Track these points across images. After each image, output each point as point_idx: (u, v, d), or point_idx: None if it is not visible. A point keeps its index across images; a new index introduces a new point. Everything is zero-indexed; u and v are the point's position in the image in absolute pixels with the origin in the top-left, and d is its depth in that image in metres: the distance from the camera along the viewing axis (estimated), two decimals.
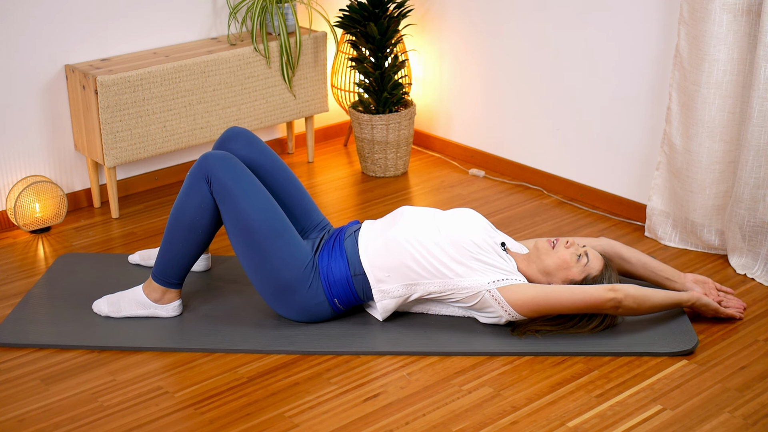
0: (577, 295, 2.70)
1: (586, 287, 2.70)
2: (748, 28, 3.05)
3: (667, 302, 2.80)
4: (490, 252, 2.76)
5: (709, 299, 2.87)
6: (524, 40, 3.89)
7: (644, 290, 2.75)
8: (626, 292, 2.70)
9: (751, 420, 2.45)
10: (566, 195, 3.87)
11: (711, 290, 2.95)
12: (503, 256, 2.79)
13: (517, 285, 2.73)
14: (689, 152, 3.25)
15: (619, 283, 2.76)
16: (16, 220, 3.53)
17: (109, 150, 3.57)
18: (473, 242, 2.74)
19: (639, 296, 2.73)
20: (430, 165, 4.25)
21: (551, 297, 2.71)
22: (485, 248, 2.75)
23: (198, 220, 2.80)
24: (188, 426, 2.45)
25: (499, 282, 2.72)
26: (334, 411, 2.50)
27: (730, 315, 2.88)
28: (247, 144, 2.99)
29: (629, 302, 2.71)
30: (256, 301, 3.00)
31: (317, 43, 4.08)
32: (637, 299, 2.72)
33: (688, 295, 2.84)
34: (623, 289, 2.71)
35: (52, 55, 3.59)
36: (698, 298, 2.85)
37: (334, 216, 3.70)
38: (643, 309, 2.76)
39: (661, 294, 2.79)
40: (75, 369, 2.69)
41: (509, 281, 2.72)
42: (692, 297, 2.84)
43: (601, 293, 2.69)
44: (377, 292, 2.79)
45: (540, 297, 2.71)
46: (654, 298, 2.76)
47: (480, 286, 2.73)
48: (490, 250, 2.76)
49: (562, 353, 2.72)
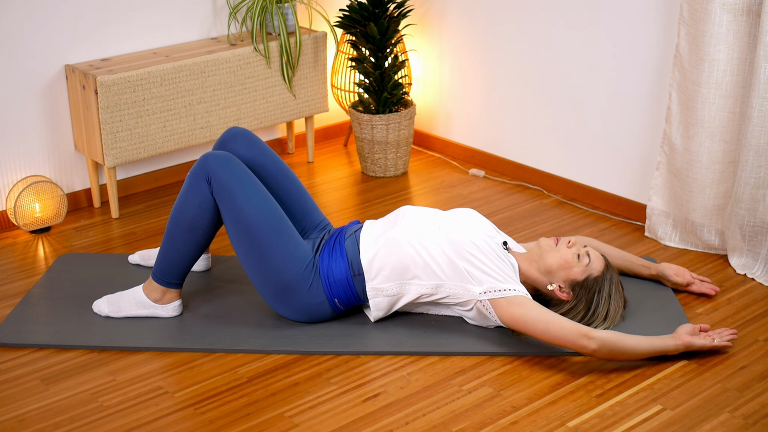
0: (551, 332, 2.62)
1: (563, 326, 2.61)
2: (748, 28, 3.05)
3: (650, 351, 2.64)
4: (489, 253, 2.74)
5: (702, 341, 2.68)
6: (524, 40, 3.89)
7: (624, 341, 2.61)
8: (602, 342, 2.58)
9: (751, 420, 2.45)
10: (566, 195, 3.87)
11: (686, 276, 3.04)
12: (503, 257, 2.78)
13: (507, 299, 2.68)
14: (689, 152, 3.25)
15: (599, 331, 2.61)
16: (16, 220, 3.53)
17: (109, 150, 3.57)
18: (473, 243, 2.74)
19: (616, 348, 2.60)
20: (430, 165, 4.25)
21: (529, 325, 2.65)
22: (484, 249, 2.74)
23: (198, 220, 2.80)
24: (188, 426, 2.45)
25: (490, 293, 2.71)
26: (334, 411, 2.50)
27: (724, 346, 2.71)
28: (248, 144, 2.99)
29: (604, 352, 2.60)
30: (256, 301, 3.00)
31: (317, 43, 4.08)
32: (613, 351, 2.60)
33: (674, 344, 2.66)
34: (599, 338, 2.58)
35: (52, 55, 3.59)
36: (689, 344, 2.67)
37: (334, 216, 3.70)
38: (622, 359, 2.64)
39: (645, 343, 2.63)
40: (75, 369, 2.69)
41: (501, 293, 2.69)
42: (681, 344, 2.66)
43: (574, 338, 2.59)
44: (370, 289, 2.79)
45: (520, 321, 2.66)
46: (636, 348, 2.62)
47: (471, 295, 2.74)
48: (490, 252, 2.75)
49: (562, 353, 2.72)
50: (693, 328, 2.70)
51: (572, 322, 2.63)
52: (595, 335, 2.59)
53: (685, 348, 2.66)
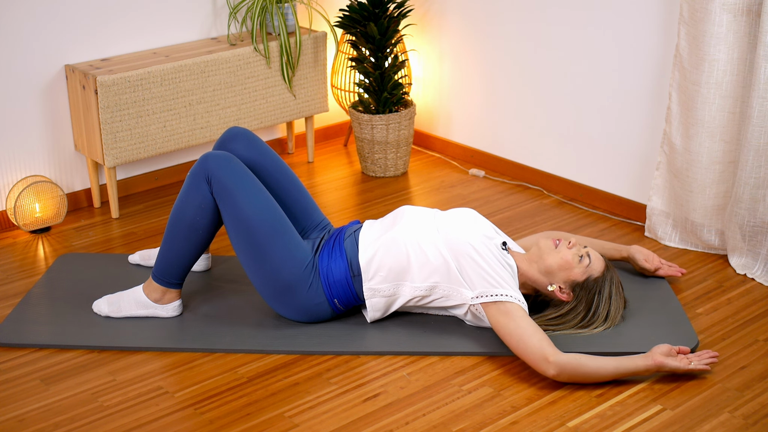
0: (520, 348, 2.59)
1: (531, 345, 2.56)
2: (748, 28, 3.05)
3: (617, 373, 2.55)
4: (486, 255, 2.73)
5: (677, 363, 2.55)
6: (524, 40, 3.89)
7: (586, 365, 2.54)
8: (560, 368, 2.52)
9: (751, 420, 2.45)
10: (566, 195, 3.87)
11: (654, 261, 3.07)
12: (500, 258, 2.76)
13: (497, 305, 2.67)
14: (689, 152, 3.25)
15: (561, 355, 2.54)
16: (16, 220, 3.53)
17: (109, 150, 3.57)
18: (470, 244, 2.73)
19: (577, 373, 2.53)
20: (430, 165, 4.25)
21: (506, 336, 2.62)
22: (481, 251, 2.73)
23: (198, 220, 2.80)
24: (188, 426, 2.45)
25: (482, 298, 2.70)
26: (334, 411, 2.50)
27: (701, 370, 2.59)
28: (248, 144, 2.99)
29: (564, 377, 2.54)
30: (256, 301, 3.00)
31: (317, 43, 4.08)
32: (574, 376, 2.54)
33: (645, 364, 2.54)
34: (558, 363, 2.52)
35: (52, 55, 3.59)
36: (661, 365, 2.55)
37: (334, 216, 3.70)
38: (586, 382, 2.56)
39: (611, 366, 2.54)
40: (75, 369, 2.69)
41: (492, 298, 2.68)
42: (653, 365, 2.55)
43: (537, 361, 2.55)
44: (367, 289, 2.79)
45: (501, 331, 2.64)
46: (600, 370, 2.54)
47: (464, 299, 2.74)
48: (487, 253, 2.74)
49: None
50: (669, 349, 2.59)
51: (542, 343, 2.56)
52: (554, 360, 2.52)
53: (657, 369, 2.55)
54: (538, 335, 2.59)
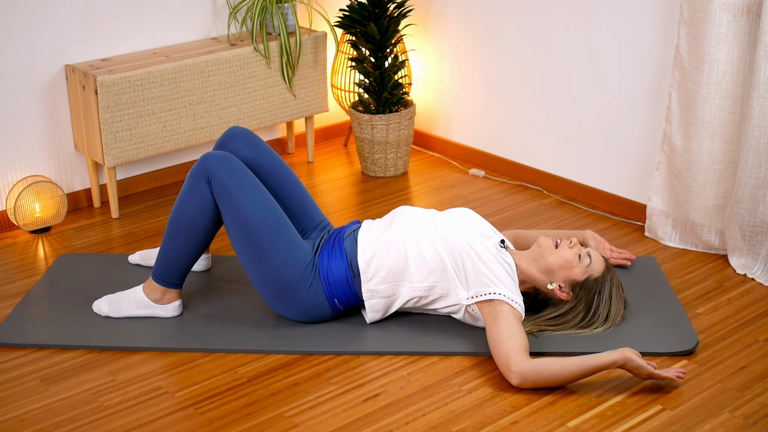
0: (494, 351, 2.58)
1: (501, 351, 2.55)
2: (748, 28, 3.05)
3: (582, 370, 2.52)
4: (483, 254, 2.72)
5: (643, 362, 2.51)
6: (524, 40, 3.89)
7: (548, 368, 2.51)
8: (522, 377, 2.51)
9: (751, 420, 2.45)
10: (566, 195, 3.87)
11: (605, 249, 3.06)
12: (498, 257, 2.76)
13: (491, 303, 2.67)
14: (689, 152, 3.25)
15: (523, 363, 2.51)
16: (16, 220, 3.53)
17: (109, 150, 3.57)
18: (467, 244, 2.73)
19: (540, 378, 2.52)
20: (430, 165, 4.25)
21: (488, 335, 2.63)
22: (479, 250, 2.73)
23: (198, 220, 2.80)
24: (188, 426, 2.45)
25: (477, 297, 2.70)
26: (334, 411, 2.50)
27: (669, 378, 2.54)
28: (248, 144, 2.99)
29: (528, 384, 2.52)
30: (256, 301, 3.00)
31: (317, 43, 4.08)
32: (538, 382, 2.52)
33: (612, 357, 2.51)
34: (519, 373, 2.51)
35: (52, 55, 3.60)
36: (628, 359, 2.51)
37: (334, 216, 3.70)
38: (554, 385, 2.54)
39: (574, 364, 2.52)
40: (75, 369, 2.69)
41: (486, 296, 2.68)
42: (620, 357, 2.51)
43: (502, 367, 2.55)
44: (366, 290, 2.79)
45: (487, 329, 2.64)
46: (563, 371, 2.51)
47: (459, 300, 2.75)
48: (485, 252, 2.73)
49: (562, 353, 2.71)
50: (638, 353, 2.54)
51: (510, 351, 2.54)
52: (515, 369, 2.51)
53: (624, 361, 2.51)
54: (510, 342, 2.56)
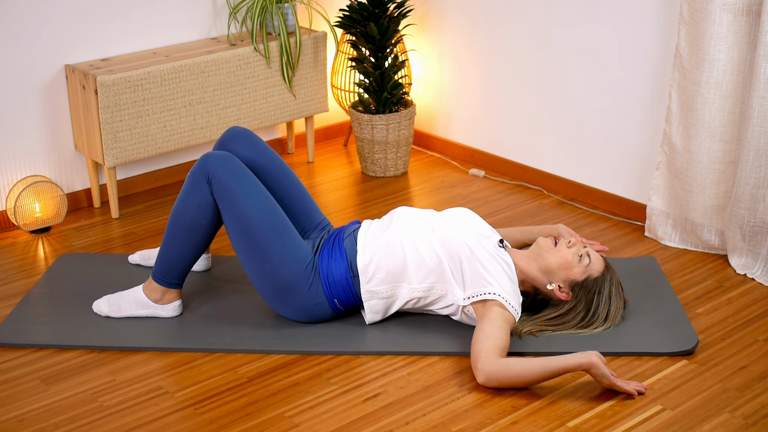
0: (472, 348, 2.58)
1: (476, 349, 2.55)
2: (748, 28, 3.05)
3: (547, 370, 2.50)
4: (482, 254, 2.72)
5: (607, 371, 2.48)
6: (524, 40, 3.89)
7: (512, 368, 2.51)
8: (487, 376, 2.51)
9: (751, 420, 2.45)
10: (566, 195, 3.87)
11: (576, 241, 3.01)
12: (497, 257, 2.75)
13: (483, 304, 2.68)
14: (689, 152, 3.25)
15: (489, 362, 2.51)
16: (16, 220, 3.53)
17: (109, 150, 3.57)
18: (466, 244, 2.73)
19: (505, 378, 2.51)
20: (430, 165, 4.25)
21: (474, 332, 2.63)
22: (477, 251, 2.72)
23: (198, 221, 2.80)
24: (188, 426, 2.45)
25: (472, 298, 2.70)
26: (334, 411, 2.50)
27: (629, 392, 2.51)
28: (248, 144, 2.99)
29: (493, 383, 2.52)
30: (256, 301, 3.00)
31: (317, 43, 4.08)
32: (502, 381, 2.52)
33: (578, 360, 2.48)
34: (485, 371, 2.51)
35: (52, 55, 3.60)
36: (594, 365, 2.47)
37: (334, 216, 3.70)
38: (519, 385, 2.54)
39: (538, 365, 2.50)
40: (75, 369, 2.69)
41: (482, 296, 2.68)
42: (586, 361, 2.48)
43: (473, 362, 2.55)
44: (365, 292, 2.79)
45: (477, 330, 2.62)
46: (528, 371, 2.50)
47: (456, 300, 2.75)
48: (483, 252, 2.73)
49: (562, 353, 2.71)
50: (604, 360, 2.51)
51: (482, 350, 2.54)
52: (481, 367, 2.52)
53: (590, 365, 2.47)
54: (486, 341, 2.56)
